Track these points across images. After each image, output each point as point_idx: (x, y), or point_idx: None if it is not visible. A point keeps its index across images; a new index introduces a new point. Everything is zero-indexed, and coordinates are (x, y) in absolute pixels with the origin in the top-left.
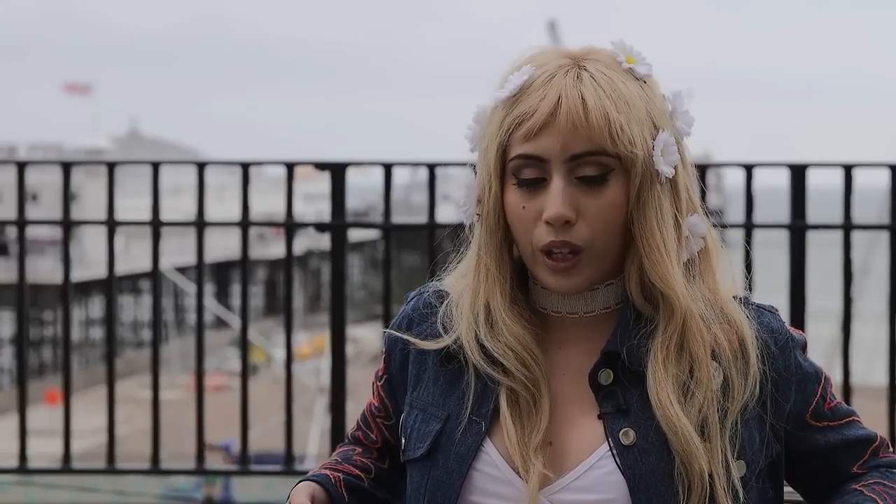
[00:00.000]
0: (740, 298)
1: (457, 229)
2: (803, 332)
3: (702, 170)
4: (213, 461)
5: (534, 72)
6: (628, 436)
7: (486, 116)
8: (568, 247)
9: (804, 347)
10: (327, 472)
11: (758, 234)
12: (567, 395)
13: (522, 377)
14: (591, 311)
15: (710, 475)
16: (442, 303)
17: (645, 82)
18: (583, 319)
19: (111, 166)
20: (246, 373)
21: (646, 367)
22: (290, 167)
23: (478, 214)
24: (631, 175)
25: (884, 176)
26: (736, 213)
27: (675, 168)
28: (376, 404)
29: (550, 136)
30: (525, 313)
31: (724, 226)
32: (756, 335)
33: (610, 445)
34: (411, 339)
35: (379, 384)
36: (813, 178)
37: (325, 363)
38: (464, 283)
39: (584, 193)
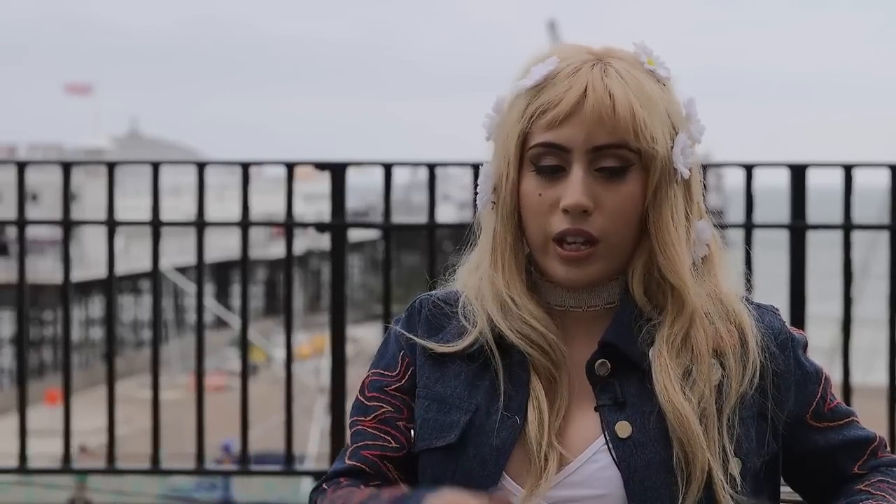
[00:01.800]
0: (742, 298)
1: (456, 230)
2: (804, 331)
3: (702, 170)
4: (84, 461)
5: (559, 63)
6: (625, 428)
7: (505, 105)
8: (583, 236)
9: (805, 347)
10: None
11: (758, 234)
12: (568, 390)
13: (550, 356)
14: (595, 305)
15: (709, 466)
16: (451, 306)
17: (665, 85)
18: (586, 314)
19: (111, 166)
20: (246, 373)
21: (649, 359)
22: (290, 167)
23: (493, 202)
24: (650, 171)
25: (884, 176)
26: (736, 213)
27: (691, 169)
28: (391, 409)
29: (575, 125)
30: (540, 301)
31: (724, 226)
32: (755, 325)
33: (606, 439)
34: (433, 345)
35: (393, 388)
36: (813, 178)
37: (325, 363)
38: (478, 276)
39: (603, 186)
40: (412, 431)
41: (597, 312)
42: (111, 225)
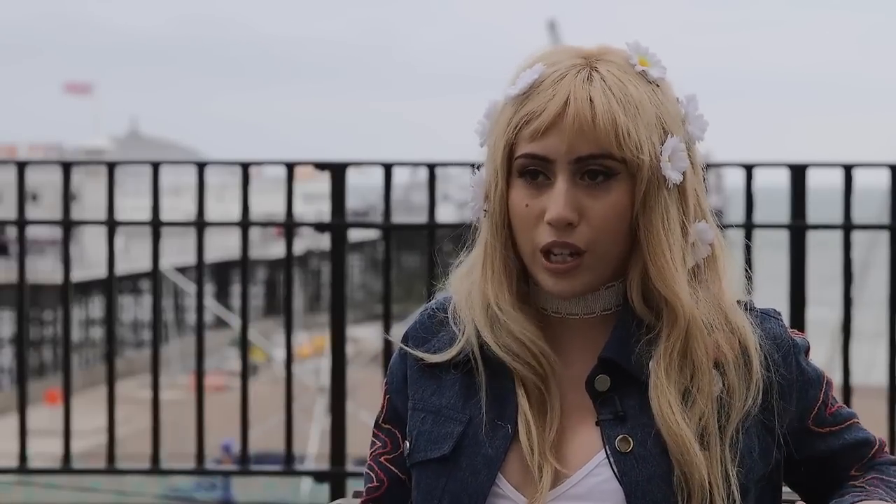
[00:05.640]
0: (744, 304)
1: (456, 230)
2: (804, 332)
3: (703, 169)
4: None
5: (545, 70)
6: (626, 443)
7: (496, 112)
8: (569, 248)
9: (807, 351)
10: None
11: (758, 234)
12: (567, 402)
13: (536, 370)
14: (591, 312)
15: (710, 484)
16: (444, 312)
17: (658, 85)
18: (583, 321)
19: (111, 166)
20: (246, 373)
21: (647, 375)
22: (290, 167)
23: (485, 211)
24: (637, 180)
25: (884, 176)
26: (736, 213)
27: (684, 173)
28: (379, 444)
29: (557, 136)
30: (532, 312)
31: (724, 226)
32: (760, 342)
33: (607, 453)
34: (423, 355)
35: (381, 420)
36: (813, 178)
37: (325, 363)
38: (469, 281)
39: (588, 196)
40: (392, 465)
41: (594, 320)
42: (111, 225)
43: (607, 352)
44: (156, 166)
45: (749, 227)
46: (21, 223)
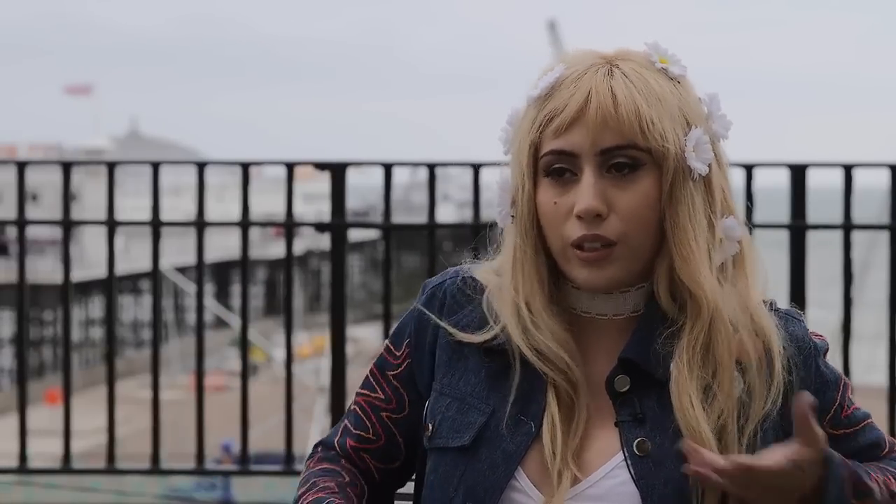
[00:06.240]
0: (768, 303)
1: (456, 230)
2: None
3: (728, 165)
4: None
5: (565, 70)
6: (644, 446)
7: (519, 117)
8: (600, 240)
9: (825, 353)
10: None
11: (758, 234)
12: (589, 402)
13: (568, 377)
14: (621, 313)
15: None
16: (476, 292)
17: (679, 82)
18: (611, 322)
19: (111, 166)
20: (246, 373)
21: (668, 371)
22: (290, 167)
23: (512, 215)
24: (663, 170)
25: (884, 176)
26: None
27: (710, 167)
28: (382, 397)
29: (581, 130)
30: (562, 313)
31: None
32: (783, 345)
33: (625, 455)
34: (453, 331)
35: (392, 373)
36: (813, 178)
37: (325, 363)
38: (498, 280)
39: (616, 187)
40: (392, 425)
41: (622, 322)
42: (111, 225)
43: (627, 352)
44: (156, 166)
45: (749, 227)
46: (21, 223)
